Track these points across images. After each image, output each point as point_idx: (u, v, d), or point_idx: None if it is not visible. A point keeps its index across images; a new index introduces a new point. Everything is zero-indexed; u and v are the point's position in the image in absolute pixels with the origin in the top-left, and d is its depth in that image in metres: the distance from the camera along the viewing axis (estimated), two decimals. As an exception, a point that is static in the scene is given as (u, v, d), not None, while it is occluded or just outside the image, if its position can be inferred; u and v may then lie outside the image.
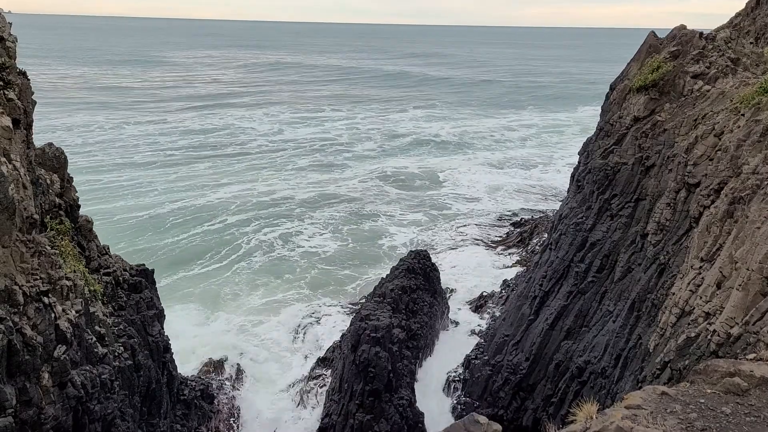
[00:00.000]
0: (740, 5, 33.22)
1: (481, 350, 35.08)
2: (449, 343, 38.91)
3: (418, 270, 38.13)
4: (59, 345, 17.01)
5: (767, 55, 27.71)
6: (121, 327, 22.22)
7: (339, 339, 36.35)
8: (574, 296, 29.43)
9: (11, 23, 18.42)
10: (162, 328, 25.33)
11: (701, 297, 18.25)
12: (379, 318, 30.03)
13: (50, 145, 21.67)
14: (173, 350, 26.95)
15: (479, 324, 41.03)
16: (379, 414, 28.06)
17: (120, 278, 23.47)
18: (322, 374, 34.98)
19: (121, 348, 21.41)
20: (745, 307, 15.75)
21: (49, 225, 19.59)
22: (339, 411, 29.03)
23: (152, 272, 25.99)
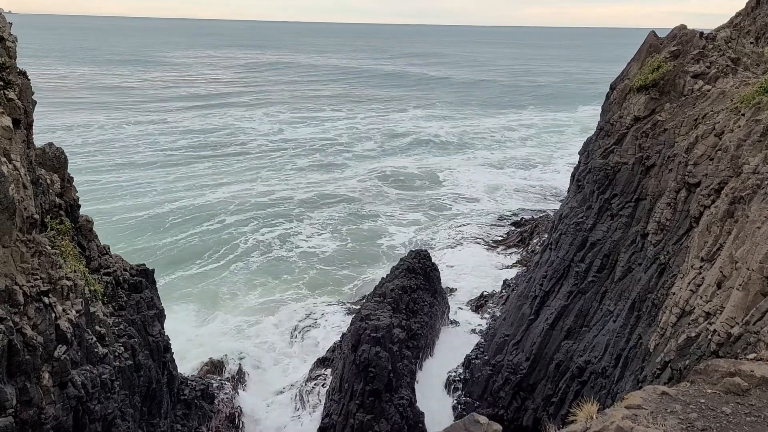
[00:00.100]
0: (740, 5, 33.22)
1: (482, 350, 35.06)
2: (449, 343, 38.90)
3: (419, 270, 38.13)
4: (59, 345, 17.01)
5: (767, 55, 27.70)
6: (122, 327, 22.22)
7: (339, 339, 36.35)
8: (575, 296, 29.43)
9: (11, 23, 18.41)
10: (162, 328, 25.35)
11: (701, 297, 18.25)
12: (380, 318, 30.02)
13: (50, 145, 21.66)
14: (172, 350, 26.95)
15: (479, 324, 41.04)
16: (380, 414, 28.05)
17: (120, 278, 23.47)
18: (323, 374, 34.98)
19: (122, 348, 21.40)
20: (746, 307, 15.75)
21: (50, 225, 19.58)
22: (339, 411, 29.03)
23: (152, 272, 26.00)
